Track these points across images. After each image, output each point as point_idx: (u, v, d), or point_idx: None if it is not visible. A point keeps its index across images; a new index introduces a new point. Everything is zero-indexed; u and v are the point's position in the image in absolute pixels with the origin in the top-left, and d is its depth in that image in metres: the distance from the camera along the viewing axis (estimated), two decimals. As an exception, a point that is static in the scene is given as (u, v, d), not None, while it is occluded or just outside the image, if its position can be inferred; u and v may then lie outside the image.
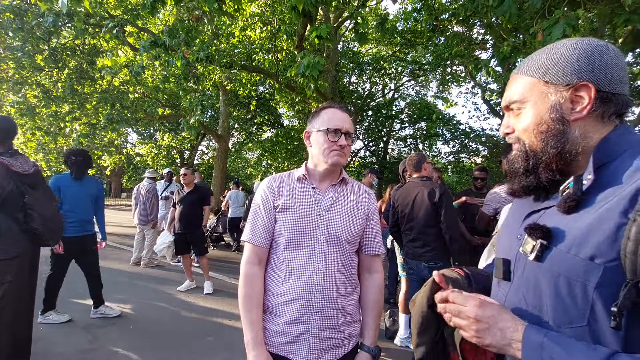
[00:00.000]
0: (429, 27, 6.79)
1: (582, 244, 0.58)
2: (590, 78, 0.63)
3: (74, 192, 3.49)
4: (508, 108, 0.74)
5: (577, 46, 0.65)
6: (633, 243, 0.52)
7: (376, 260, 1.33)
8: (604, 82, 0.63)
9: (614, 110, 0.64)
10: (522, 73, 0.71)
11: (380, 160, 17.27)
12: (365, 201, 1.30)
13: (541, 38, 2.93)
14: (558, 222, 0.64)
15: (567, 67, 0.65)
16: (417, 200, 2.87)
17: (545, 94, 0.67)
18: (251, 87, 11.55)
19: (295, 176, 1.28)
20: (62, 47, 8.68)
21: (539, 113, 0.67)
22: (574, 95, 0.64)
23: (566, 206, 0.62)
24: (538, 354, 0.57)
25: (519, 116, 0.71)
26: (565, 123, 0.65)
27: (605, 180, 0.60)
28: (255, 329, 1.16)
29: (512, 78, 0.74)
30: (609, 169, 0.61)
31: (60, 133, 10.05)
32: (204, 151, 23.25)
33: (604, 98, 0.63)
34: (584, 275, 0.57)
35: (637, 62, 9.38)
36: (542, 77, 0.67)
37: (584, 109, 0.64)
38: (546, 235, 0.64)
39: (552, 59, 0.67)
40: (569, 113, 0.65)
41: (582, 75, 0.63)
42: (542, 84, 0.67)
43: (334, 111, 1.23)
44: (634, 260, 0.52)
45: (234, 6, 7.00)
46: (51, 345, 2.95)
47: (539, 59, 0.69)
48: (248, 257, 1.22)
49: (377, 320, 1.28)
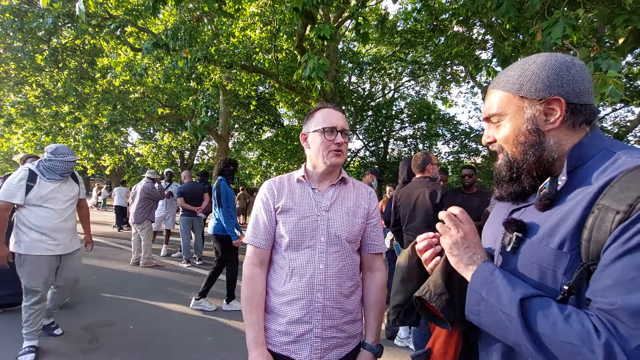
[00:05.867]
0: (429, 27, 6.79)
1: (552, 235, 0.66)
2: (560, 92, 0.70)
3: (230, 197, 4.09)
4: (488, 120, 0.80)
5: (547, 63, 0.72)
6: (587, 231, 0.61)
7: (378, 259, 1.33)
8: (572, 95, 0.70)
9: (583, 119, 0.71)
10: (499, 88, 0.77)
11: (380, 160, 17.27)
12: (365, 200, 1.30)
13: (541, 38, 2.93)
14: (534, 218, 0.71)
15: (539, 83, 0.71)
16: (419, 201, 2.88)
17: (521, 107, 0.73)
18: (251, 87, 11.54)
19: (295, 178, 1.29)
20: (63, 47, 8.69)
21: (517, 125, 0.74)
22: (547, 108, 0.71)
23: (542, 204, 0.69)
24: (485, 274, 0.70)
25: (498, 128, 0.78)
26: (540, 134, 0.72)
27: (578, 181, 0.67)
28: (256, 329, 1.17)
29: (490, 92, 0.80)
30: (582, 170, 0.68)
31: (60, 133, 10.05)
32: (204, 151, 23.26)
33: (574, 109, 0.70)
34: (554, 263, 0.65)
35: (637, 62, 9.38)
36: (517, 92, 0.74)
37: (556, 120, 0.71)
38: (521, 229, 0.71)
39: (525, 76, 0.73)
40: (544, 124, 0.72)
41: (552, 90, 0.70)
42: (518, 99, 0.74)
43: (327, 111, 1.24)
44: (587, 246, 0.61)
45: (234, 6, 7.00)
46: (51, 345, 2.95)
47: (513, 75, 0.75)
48: (250, 258, 1.24)
49: (379, 318, 1.29)
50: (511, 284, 0.66)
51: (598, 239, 0.59)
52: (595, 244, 0.59)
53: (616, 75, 2.36)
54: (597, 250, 0.59)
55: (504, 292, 0.65)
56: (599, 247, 0.59)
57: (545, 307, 0.61)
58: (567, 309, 0.60)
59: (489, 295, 0.67)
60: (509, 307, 0.63)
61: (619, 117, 13.28)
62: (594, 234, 0.60)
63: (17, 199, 2.67)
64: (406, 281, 0.93)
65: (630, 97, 10.03)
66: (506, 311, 0.64)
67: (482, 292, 0.68)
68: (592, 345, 0.55)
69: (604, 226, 0.59)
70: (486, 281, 0.68)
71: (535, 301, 0.62)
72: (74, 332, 3.20)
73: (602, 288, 0.58)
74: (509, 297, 0.64)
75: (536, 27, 3.07)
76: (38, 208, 2.75)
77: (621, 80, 2.43)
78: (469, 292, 0.71)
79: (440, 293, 0.77)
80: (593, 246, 0.60)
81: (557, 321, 0.59)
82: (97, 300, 4.10)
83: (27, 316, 2.74)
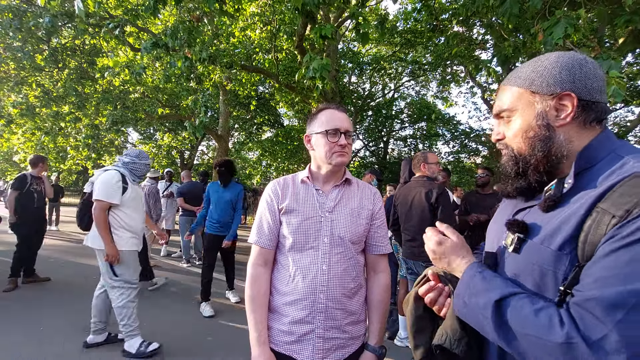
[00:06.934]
0: (429, 27, 6.78)
1: (554, 236, 0.66)
2: (572, 88, 0.70)
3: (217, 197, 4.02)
4: (498, 116, 0.81)
5: (559, 59, 0.72)
6: (584, 233, 0.62)
7: (382, 260, 1.33)
8: (584, 91, 0.70)
9: (594, 117, 0.71)
10: (511, 84, 0.78)
11: (380, 160, 17.27)
12: (369, 201, 1.30)
13: (542, 38, 2.93)
14: (537, 219, 0.72)
15: (551, 79, 0.72)
16: (415, 200, 2.88)
17: (532, 102, 0.74)
18: (251, 87, 11.53)
19: (299, 179, 1.29)
20: (62, 47, 8.68)
21: (527, 120, 0.74)
22: (558, 103, 0.71)
23: (546, 205, 0.70)
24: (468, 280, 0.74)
25: (509, 123, 0.78)
26: (551, 129, 0.72)
27: (583, 184, 0.67)
28: (259, 328, 1.18)
29: (502, 88, 0.81)
30: (589, 173, 0.68)
31: (60, 133, 10.04)
32: (204, 151, 23.24)
33: (585, 106, 0.70)
34: (554, 265, 0.65)
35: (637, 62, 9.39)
36: (528, 87, 0.74)
37: (567, 116, 0.71)
38: (523, 230, 0.72)
39: (537, 71, 0.74)
40: (554, 120, 0.72)
41: (564, 86, 0.70)
42: (529, 94, 0.74)
43: (331, 112, 1.24)
44: (582, 247, 0.62)
45: (234, 6, 6.99)
46: (51, 345, 2.95)
47: (525, 71, 0.76)
48: (254, 258, 1.24)
49: (382, 320, 1.29)
50: (489, 287, 0.69)
51: (593, 241, 0.60)
52: (590, 245, 0.61)
53: (618, 75, 2.35)
54: (591, 252, 0.60)
55: (480, 296, 0.69)
56: (592, 249, 0.60)
57: (519, 304, 0.63)
58: (539, 304, 0.62)
59: (469, 299, 0.71)
60: (484, 309, 0.67)
61: (619, 117, 13.30)
62: (590, 236, 0.61)
63: (115, 200, 2.79)
64: (420, 332, 0.91)
65: (630, 97, 10.04)
66: (484, 314, 0.67)
67: (465, 297, 0.72)
68: (554, 336, 0.57)
69: (600, 229, 0.59)
70: (468, 286, 0.72)
71: (511, 300, 0.65)
72: (74, 332, 3.19)
73: (584, 284, 0.59)
74: (484, 301, 0.67)
75: (537, 27, 3.07)
76: (129, 209, 2.90)
77: (623, 80, 2.42)
78: (455, 297, 0.75)
79: (459, 338, 0.77)
80: (588, 248, 0.61)
81: (527, 316, 0.61)
82: (97, 300, 4.10)
83: (130, 312, 2.85)
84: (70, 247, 7.41)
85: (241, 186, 4.26)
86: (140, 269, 3.10)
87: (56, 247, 7.18)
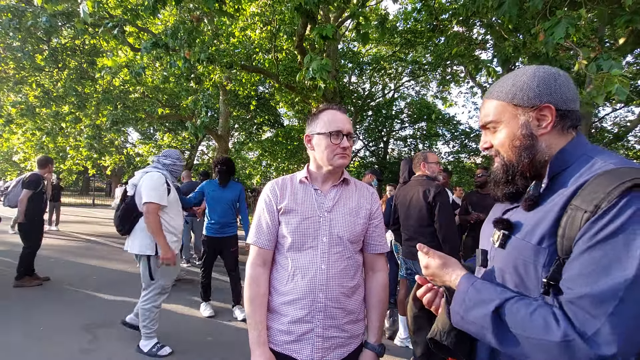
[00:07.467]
0: (429, 27, 6.79)
1: (533, 232, 0.73)
2: (550, 100, 0.77)
3: (215, 197, 3.85)
4: (485, 127, 0.87)
5: (536, 74, 0.79)
6: (562, 229, 0.68)
7: (380, 259, 1.33)
8: (561, 102, 0.78)
9: (570, 124, 0.79)
10: (494, 97, 0.85)
11: (380, 160, 17.28)
12: (367, 201, 1.30)
13: (543, 38, 2.93)
14: (520, 217, 0.79)
15: (531, 92, 0.79)
16: (413, 200, 2.88)
17: (515, 114, 0.81)
18: (251, 87, 11.53)
19: (297, 179, 1.29)
20: (62, 47, 8.68)
21: (512, 130, 0.81)
22: (539, 114, 0.78)
23: (526, 205, 0.78)
24: (462, 295, 0.77)
25: (495, 133, 0.85)
26: (534, 137, 0.79)
27: (559, 184, 0.75)
28: (259, 329, 1.18)
29: (485, 102, 0.87)
30: (564, 175, 0.75)
31: (60, 133, 10.03)
32: (204, 151, 23.24)
33: (562, 115, 0.78)
34: (534, 258, 0.72)
35: (637, 62, 9.38)
36: (511, 100, 0.81)
37: (548, 125, 0.78)
38: (507, 227, 0.79)
39: (517, 86, 0.80)
40: (536, 129, 0.79)
41: (543, 98, 0.78)
42: (512, 107, 0.81)
43: (333, 113, 1.24)
44: (561, 242, 0.68)
45: (234, 6, 6.99)
46: (51, 345, 2.95)
47: (506, 86, 0.83)
48: (253, 259, 1.24)
49: (381, 318, 1.29)
50: (483, 298, 0.72)
51: (570, 235, 0.66)
52: (568, 240, 0.67)
53: (621, 73, 2.35)
54: (569, 246, 0.66)
55: (477, 309, 0.72)
56: (570, 243, 0.66)
57: (515, 309, 0.67)
58: (532, 306, 0.66)
59: (466, 314, 0.74)
60: (483, 321, 0.71)
61: (619, 117, 13.29)
62: (567, 231, 0.67)
63: (164, 201, 2.81)
64: (419, 331, 0.99)
65: (631, 97, 10.03)
66: (484, 325, 0.70)
67: (461, 312, 0.76)
68: (552, 336, 0.61)
69: (575, 224, 0.66)
70: (463, 301, 0.76)
71: (507, 306, 0.68)
72: (74, 332, 3.19)
73: (569, 279, 0.64)
74: (482, 313, 0.71)
75: (538, 27, 3.07)
76: (172, 211, 2.92)
77: (626, 78, 2.42)
78: (452, 313, 0.78)
79: (449, 330, 0.82)
80: (566, 242, 0.67)
81: (524, 320, 0.65)
82: (97, 300, 4.10)
83: (153, 315, 2.89)
84: (70, 247, 7.41)
85: (241, 185, 4.14)
86: (177, 272, 3.11)
87: (56, 247, 7.18)
